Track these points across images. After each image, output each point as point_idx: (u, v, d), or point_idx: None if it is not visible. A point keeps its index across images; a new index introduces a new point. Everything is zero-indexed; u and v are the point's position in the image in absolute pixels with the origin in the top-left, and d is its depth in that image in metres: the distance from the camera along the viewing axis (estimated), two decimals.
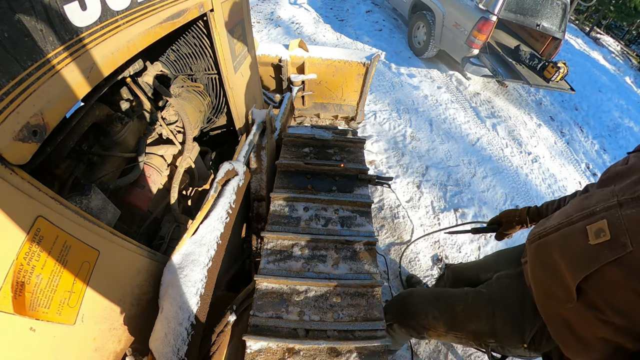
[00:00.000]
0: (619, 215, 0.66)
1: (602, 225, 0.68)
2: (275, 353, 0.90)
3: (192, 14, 1.01)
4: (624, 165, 0.78)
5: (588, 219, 0.72)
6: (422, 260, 2.46)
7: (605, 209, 0.70)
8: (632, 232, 0.63)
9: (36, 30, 0.52)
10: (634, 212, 0.64)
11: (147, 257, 0.84)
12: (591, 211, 0.73)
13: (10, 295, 0.49)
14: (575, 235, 0.74)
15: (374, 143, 3.32)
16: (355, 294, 1.06)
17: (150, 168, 1.12)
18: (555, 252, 0.80)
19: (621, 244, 0.64)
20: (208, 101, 1.41)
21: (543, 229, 0.87)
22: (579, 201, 0.81)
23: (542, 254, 0.85)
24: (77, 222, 0.61)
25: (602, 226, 0.68)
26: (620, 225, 0.65)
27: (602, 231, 0.68)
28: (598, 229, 0.69)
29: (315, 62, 2.47)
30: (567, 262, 0.75)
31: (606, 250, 0.66)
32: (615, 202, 0.68)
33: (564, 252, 0.77)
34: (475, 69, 4.07)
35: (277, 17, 5.21)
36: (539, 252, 0.87)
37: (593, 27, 9.41)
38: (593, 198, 0.76)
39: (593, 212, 0.72)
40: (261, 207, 1.50)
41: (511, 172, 3.52)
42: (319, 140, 1.61)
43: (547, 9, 4.17)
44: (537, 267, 0.88)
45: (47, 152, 0.71)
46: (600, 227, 0.68)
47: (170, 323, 0.79)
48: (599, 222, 0.69)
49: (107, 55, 0.68)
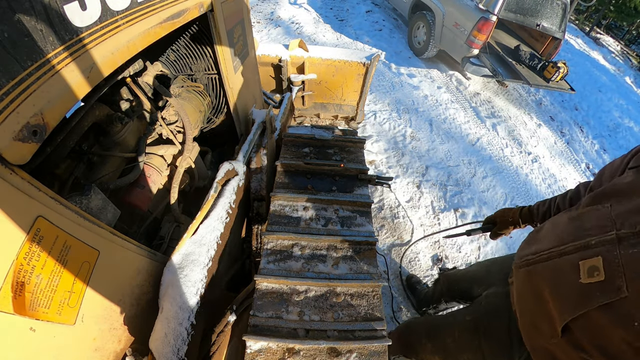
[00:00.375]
0: (617, 253, 0.58)
1: (596, 262, 0.61)
2: (275, 353, 0.90)
3: (192, 14, 1.01)
4: (624, 181, 0.70)
5: (582, 252, 0.65)
6: (422, 260, 2.46)
7: (601, 243, 0.62)
8: (630, 275, 0.56)
9: (36, 30, 0.52)
10: (635, 252, 0.56)
11: (147, 257, 0.84)
12: (586, 243, 0.64)
13: (10, 295, 0.49)
14: (566, 270, 0.67)
15: (374, 143, 3.32)
16: (355, 294, 1.06)
17: (150, 168, 1.12)
18: (543, 285, 0.73)
19: (616, 287, 0.57)
20: (208, 101, 1.41)
21: (532, 254, 0.79)
22: (573, 222, 0.73)
23: (530, 284, 0.79)
24: (77, 222, 0.61)
25: (597, 264, 0.61)
26: (617, 265, 0.58)
27: (596, 269, 0.60)
28: (592, 266, 0.61)
29: (315, 62, 2.47)
30: (554, 299, 0.69)
31: (598, 292, 0.59)
32: (614, 236, 0.60)
33: (552, 287, 0.70)
34: (475, 69, 4.07)
35: (277, 17, 5.21)
36: (527, 281, 0.80)
37: (593, 27, 9.41)
38: (587, 221, 0.68)
39: (587, 245, 0.64)
40: (261, 207, 1.50)
41: (511, 172, 3.52)
42: (319, 140, 1.61)
43: (547, 9, 4.17)
44: (523, 295, 0.82)
45: (47, 152, 0.71)
46: (595, 264, 0.61)
47: (170, 323, 0.79)
48: (594, 258, 0.62)
49: (107, 55, 0.68)
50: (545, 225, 0.84)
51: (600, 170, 0.85)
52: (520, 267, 0.83)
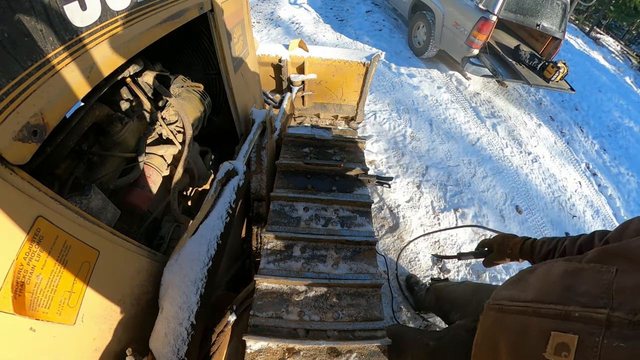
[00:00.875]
0: (599, 340, 0.48)
1: (569, 341, 0.51)
2: (275, 353, 0.90)
3: (192, 14, 1.01)
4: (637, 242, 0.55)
5: (559, 322, 0.54)
6: (422, 260, 2.46)
7: (585, 320, 0.51)
8: None
9: (36, 30, 0.52)
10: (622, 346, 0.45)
11: (147, 257, 0.84)
12: (567, 313, 0.53)
13: (10, 295, 0.49)
14: (534, 334, 0.57)
15: (374, 143, 3.32)
16: (355, 294, 1.06)
17: (150, 168, 1.12)
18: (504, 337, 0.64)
19: None
20: (208, 101, 1.41)
21: (508, 301, 0.69)
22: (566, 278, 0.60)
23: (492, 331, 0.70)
24: (77, 222, 0.61)
25: (570, 343, 0.50)
26: (594, 356, 0.47)
27: (566, 349, 0.50)
28: (563, 343, 0.51)
29: (315, 62, 2.47)
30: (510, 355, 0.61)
31: None
32: (604, 317, 0.48)
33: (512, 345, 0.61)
34: (475, 69, 4.07)
35: (277, 17, 5.21)
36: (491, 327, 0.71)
37: (593, 27, 9.41)
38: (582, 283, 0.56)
39: (568, 315, 0.53)
40: (261, 207, 1.51)
41: (511, 172, 3.52)
42: (319, 140, 1.61)
43: (547, 9, 4.17)
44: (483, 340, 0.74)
45: (47, 152, 0.71)
46: (567, 342, 0.51)
47: (170, 323, 0.79)
48: (569, 335, 0.51)
49: (107, 55, 0.68)
50: (538, 269, 0.72)
51: (625, 222, 0.67)
52: (491, 309, 0.74)
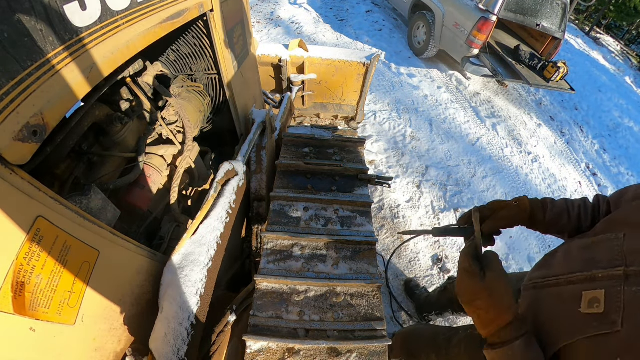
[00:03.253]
0: (621, 289, 0.59)
1: (599, 295, 0.62)
2: (275, 353, 0.90)
3: (192, 14, 1.01)
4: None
5: (587, 284, 0.65)
6: (422, 260, 2.46)
7: (607, 278, 0.62)
8: (628, 312, 0.56)
9: (36, 30, 0.52)
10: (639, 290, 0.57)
11: (147, 257, 0.84)
12: (592, 276, 0.65)
13: (10, 295, 0.49)
14: (568, 298, 0.68)
15: (374, 143, 3.32)
16: (355, 294, 1.06)
17: (150, 168, 1.12)
18: (542, 309, 0.73)
19: (611, 320, 0.57)
20: (208, 101, 1.41)
21: (541, 279, 0.78)
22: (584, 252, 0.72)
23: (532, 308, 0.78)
24: (77, 222, 0.61)
25: (599, 296, 0.61)
26: (618, 301, 0.58)
27: (597, 302, 0.61)
28: (593, 297, 0.62)
29: (315, 62, 2.47)
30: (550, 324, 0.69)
31: (595, 322, 0.60)
32: (622, 273, 0.60)
33: (551, 312, 0.71)
34: (475, 69, 4.07)
35: (277, 17, 5.21)
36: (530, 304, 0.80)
37: (593, 27, 9.41)
38: (598, 252, 0.67)
39: (594, 278, 0.64)
40: (261, 207, 1.50)
41: (511, 172, 3.52)
42: (319, 140, 1.61)
43: (547, 9, 4.17)
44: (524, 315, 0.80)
45: (47, 152, 0.71)
46: (597, 296, 0.62)
47: (170, 323, 0.79)
48: (597, 290, 0.62)
49: (107, 55, 0.68)
50: (558, 252, 0.82)
51: (623, 188, 0.78)
52: (527, 289, 0.82)
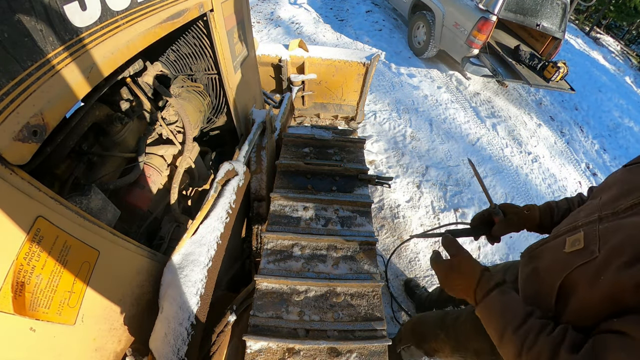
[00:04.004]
0: (596, 228, 0.70)
1: (579, 236, 0.72)
2: (275, 353, 0.90)
3: (192, 14, 1.01)
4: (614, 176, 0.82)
5: (570, 232, 0.76)
6: (422, 260, 2.46)
7: (586, 224, 0.73)
8: (603, 241, 0.66)
9: (36, 30, 0.52)
10: (610, 225, 0.67)
11: (147, 257, 0.84)
12: (574, 225, 0.77)
13: (10, 295, 0.49)
14: (557, 247, 0.78)
15: (374, 143, 3.32)
16: (355, 294, 1.06)
17: (150, 168, 1.12)
18: (540, 262, 0.83)
19: (590, 251, 0.67)
20: (208, 101, 1.41)
21: (537, 244, 0.89)
22: (570, 217, 0.85)
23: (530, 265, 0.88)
24: (77, 222, 0.61)
25: (579, 237, 0.72)
26: (594, 236, 0.68)
27: (578, 241, 0.72)
28: (575, 239, 0.73)
29: (315, 62, 2.47)
30: (547, 272, 0.79)
31: (578, 257, 0.69)
32: (596, 217, 0.72)
33: (546, 262, 0.81)
34: (475, 69, 4.07)
35: (277, 17, 5.21)
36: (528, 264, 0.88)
37: (593, 27, 9.41)
38: (582, 211, 0.80)
39: (575, 226, 0.76)
40: (261, 207, 1.50)
41: (511, 172, 3.52)
42: (319, 140, 1.61)
43: (547, 9, 4.17)
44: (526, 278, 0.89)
45: (47, 152, 0.71)
46: (577, 238, 0.72)
47: (170, 323, 0.79)
48: (578, 233, 0.73)
49: (107, 55, 0.68)
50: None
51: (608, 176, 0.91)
52: (524, 256, 0.92)
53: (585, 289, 0.66)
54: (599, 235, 0.68)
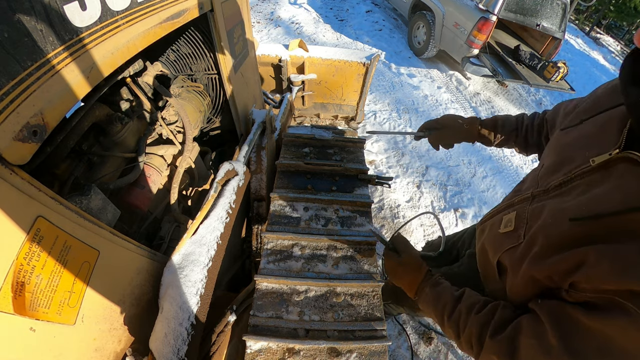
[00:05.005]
0: (527, 208, 0.69)
1: (512, 216, 0.72)
2: (275, 353, 0.90)
3: (192, 14, 1.01)
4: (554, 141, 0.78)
5: (507, 209, 0.77)
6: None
7: (521, 201, 0.73)
8: (530, 225, 0.65)
9: (36, 30, 0.52)
10: (538, 205, 0.66)
11: (147, 257, 0.84)
12: (512, 202, 0.77)
13: (10, 295, 0.49)
14: (495, 224, 0.79)
15: (374, 143, 3.32)
16: (355, 294, 1.06)
17: (150, 168, 1.12)
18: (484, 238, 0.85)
19: (517, 235, 0.67)
20: (208, 101, 1.41)
21: (487, 215, 0.91)
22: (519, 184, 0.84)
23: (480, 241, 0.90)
24: (77, 222, 0.61)
25: (512, 217, 0.72)
26: (524, 218, 0.68)
27: (510, 222, 0.72)
28: (508, 220, 0.73)
29: (315, 62, 2.47)
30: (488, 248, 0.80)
31: (507, 239, 0.70)
32: (529, 195, 0.71)
33: (488, 239, 0.83)
34: (475, 69, 4.07)
35: (277, 17, 5.21)
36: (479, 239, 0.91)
37: (593, 27, 9.41)
38: (526, 181, 0.80)
39: (512, 204, 0.76)
40: (261, 207, 1.50)
41: (511, 172, 3.52)
42: (319, 140, 1.61)
43: (547, 9, 4.17)
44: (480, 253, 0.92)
45: (47, 152, 0.71)
46: (510, 218, 0.73)
47: (170, 323, 0.79)
48: (511, 213, 0.74)
49: (107, 55, 0.68)
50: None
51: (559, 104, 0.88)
52: (478, 227, 0.95)
53: (511, 273, 0.68)
54: (527, 217, 0.67)
